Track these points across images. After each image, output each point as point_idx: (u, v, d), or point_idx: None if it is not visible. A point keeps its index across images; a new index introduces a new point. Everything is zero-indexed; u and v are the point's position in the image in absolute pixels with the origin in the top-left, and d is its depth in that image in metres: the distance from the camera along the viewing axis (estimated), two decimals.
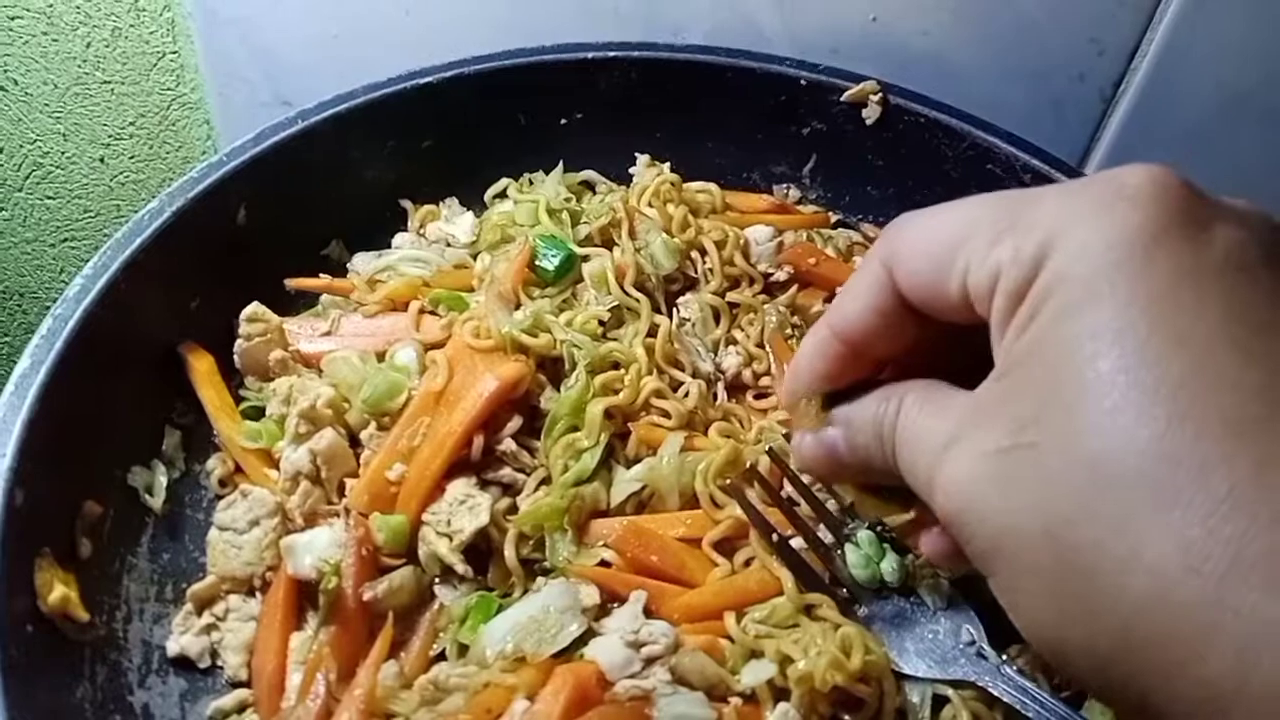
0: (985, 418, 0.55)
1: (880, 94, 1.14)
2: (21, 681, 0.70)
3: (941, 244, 0.60)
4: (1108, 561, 0.47)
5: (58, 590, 0.79)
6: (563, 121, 1.17)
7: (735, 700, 0.77)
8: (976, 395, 0.58)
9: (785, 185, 1.22)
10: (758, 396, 1.01)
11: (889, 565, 0.79)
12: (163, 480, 0.93)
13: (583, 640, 0.81)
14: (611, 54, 1.15)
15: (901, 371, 0.69)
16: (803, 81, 1.16)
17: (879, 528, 0.80)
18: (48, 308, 0.86)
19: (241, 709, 0.84)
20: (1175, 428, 0.45)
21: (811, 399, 0.71)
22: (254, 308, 0.99)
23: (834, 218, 1.20)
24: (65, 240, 1.54)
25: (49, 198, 1.49)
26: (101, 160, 1.48)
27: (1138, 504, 0.46)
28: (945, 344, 0.66)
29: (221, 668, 0.86)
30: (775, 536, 0.84)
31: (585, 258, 1.04)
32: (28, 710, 0.70)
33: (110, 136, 1.46)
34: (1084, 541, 0.48)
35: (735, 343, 1.03)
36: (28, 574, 0.77)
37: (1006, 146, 1.10)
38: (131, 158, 1.46)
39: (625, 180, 1.16)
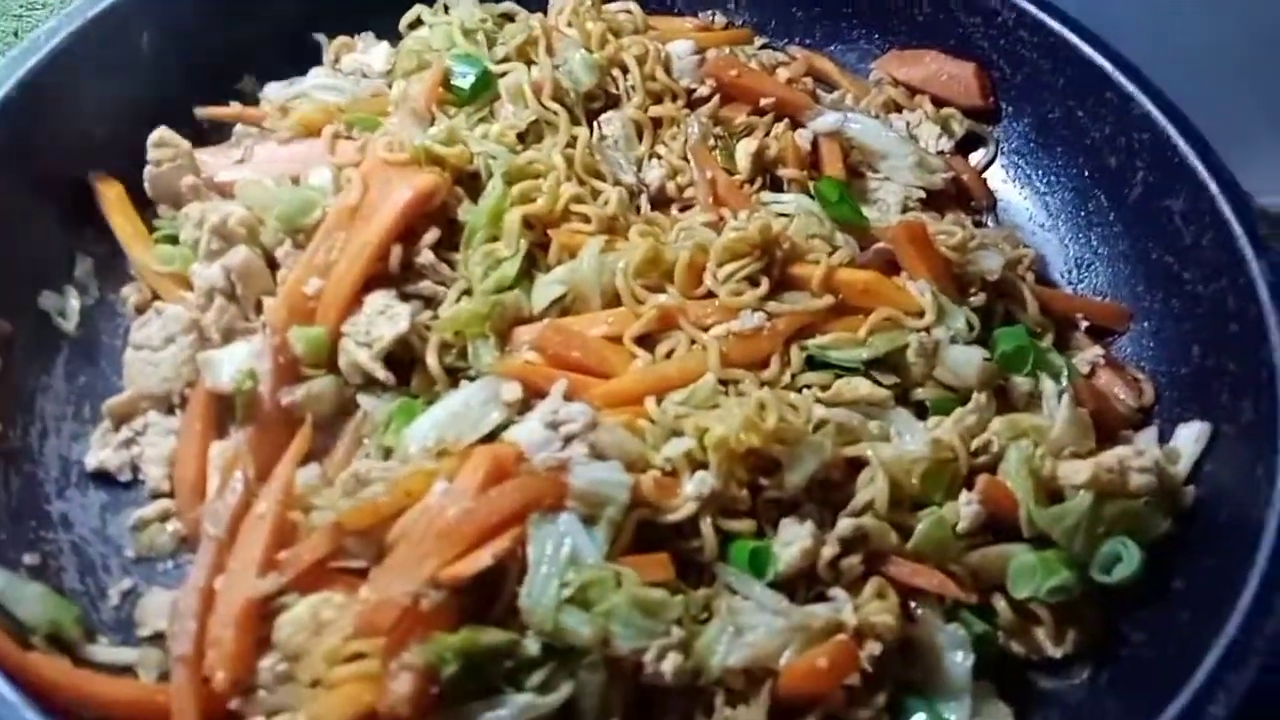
0: None
1: None
2: None
3: None
4: None
5: None
6: None
7: (654, 472, 0.77)
8: None
9: (710, 10, 1.19)
10: (682, 209, 1.00)
11: None
12: (75, 304, 0.92)
13: (505, 430, 0.81)
14: None
15: None
16: None
17: None
18: None
19: (164, 518, 0.84)
20: None
21: None
22: (161, 132, 0.97)
23: (759, 41, 1.18)
24: None
25: None
26: (15, 35, 1.44)
27: None
28: None
29: (143, 481, 0.86)
30: None
31: (502, 75, 1.01)
32: None
33: (22, 6, 1.41)
34: None
35: (659, 157, 1.02)
36: None
37: None
38: None
39: (546, 13, 1.13)
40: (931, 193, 1.04)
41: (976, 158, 1.11)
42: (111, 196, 0.95)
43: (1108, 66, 0.98)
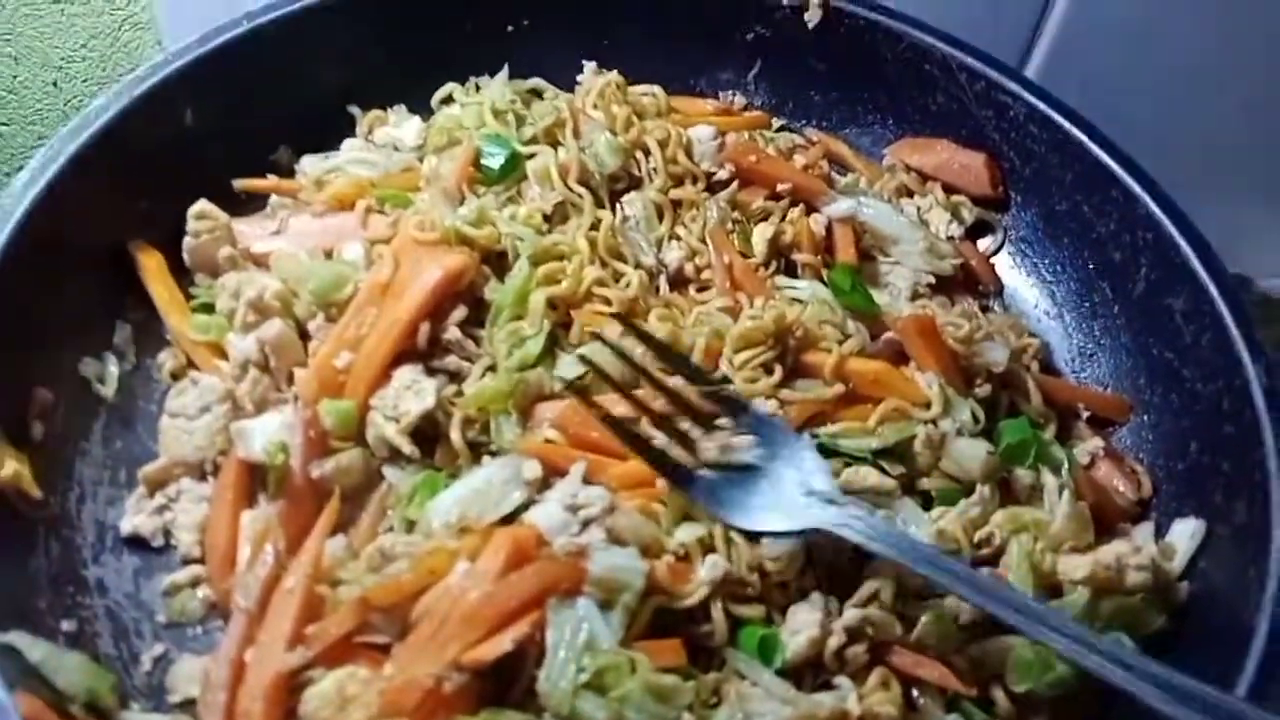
0: None
1: None
2: None
3: None
4: None
5: (10, 466, 0.81)
6: (510, 29, 1.19)
7: (668, 557, 0.80)
8: None
9: (730, 92, 1.24)
10: (700, 290, 1.03)
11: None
12: (114, 370, 0.95)
13: (525, 510, 0.84)
14: None
15: None
16: None
17: None
18: None
19: (195, 583, 0.87)
20: None
21: None
22: (202, 205, 1.01)
23: (777, 123, 1.22)
24: (20, 168, 1.53)
25: (3, 124, 1.49)
26: (55, 85, 1.48)
27: None
28: None
29: (175, 546, 0.89)
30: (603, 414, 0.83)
31: (530, 156, 1.05)
32: None
33: (62, 59, 1.45)
34: None
35: (678, 238, 1.05)
36: None
37: (943, 47, 1.12)
38: (84, 81, 1.46)
39: (573, 89, 1.18)
40: (941, 278, 1.07)
41: (985, 244, 1.15)
42: (152, 266, 0.99)
43: (1114, 166, 1.02)
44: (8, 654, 0.70)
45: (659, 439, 0.86)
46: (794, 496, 0.80)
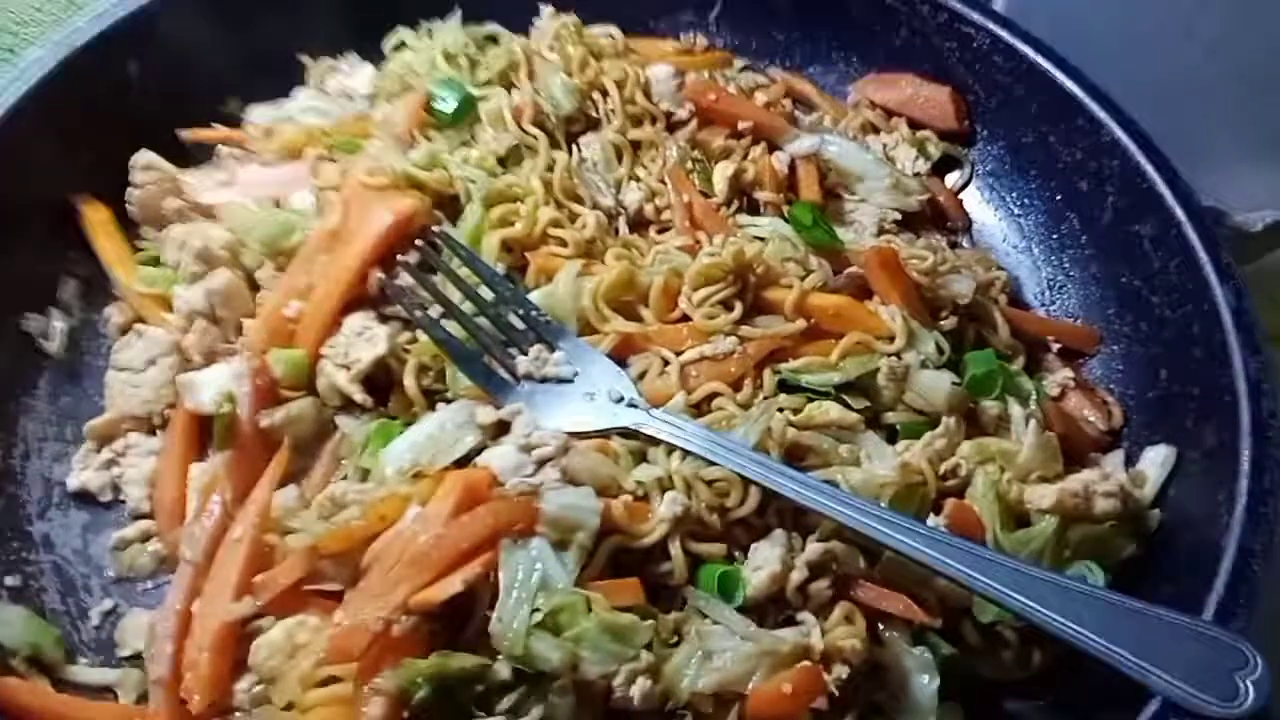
0: None
1: None
2: None
3: None
4: None
5: None
6: None
7: (626, 497, 0.79)
8: None
9: (692, 32, 1.20)
10: (660, 230, 1.01)
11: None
12: (60, 326, 0.93)
13: (480, 453, 0.82)
14: None
15: None
16: None
17: None
18: None
19: (145, 538, 0.85)
20: None
21: None
22: (146, 155, 0.98)
23: (740, 62, 1.19)
24: None
25: None
26: (11, 51, 1.44)
27: None
28: None
29: (124, 502, 0.87)
30: (419, 314, 0.87)
31: (483, 99, 1.03)
32: None
33: (17, 24, 1.42)
34: None
35: (637, 179, 1.03)
36: None
37: None
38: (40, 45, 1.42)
39: (529, 35, 1.15)
40: (908, 214, 1.05)
41: (952, 179, 1.13)
42: (96, 219, 0.97)
43: (1079, 93, 0.99)
44: None
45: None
46: (603, 403, 0.84)
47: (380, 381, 0.89)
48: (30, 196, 0.94)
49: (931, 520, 0.80)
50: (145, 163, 0.98)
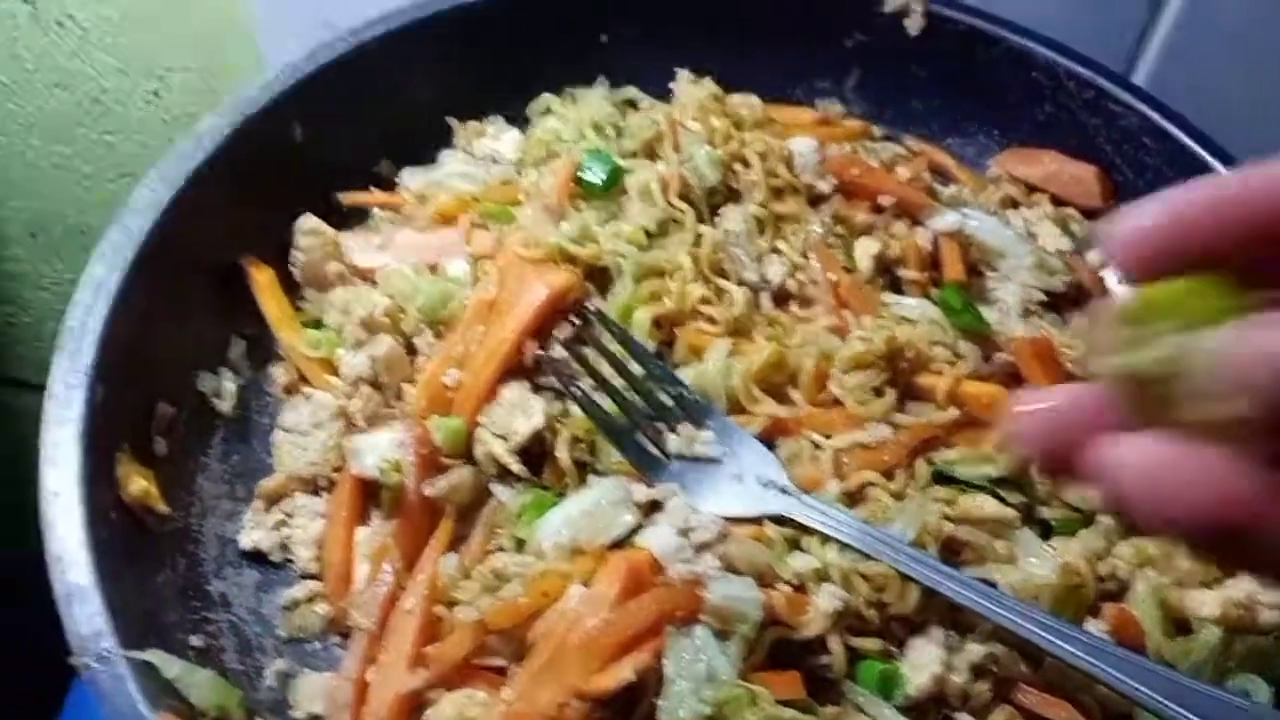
0: None
1: (923, 2, 1.13)
2: (109, 560, 0.75)
3: None
4: None
5: (137, 483, 0.84)
6: (603, 38, 1.18)
7: (783, 586, 0.80)
8: None
9: (828, 99, 1.21)
10: (802, 305, 1.02)
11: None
12: (230, 385, 0.97)
13: (635, 533, 0.84)
14: None
15: None
16: None
17: None
18: None
19: (313, 599, 0.89)
20: None
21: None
22: (309, 220, 1.02)
23: (878, 132, 1.20)
24: (124, 176, 1.58)
25: (107, 133, 1.53)
26: (155, 94, 1.51)
27: None
28: None
29: (293, 561, 0.91)
30: (574, 389, 0.89)
31: (629, 171, 1.05)
32: (116, 588, 0.75)
33: (164, 69, 1.48)
34: None
35: (779, 253, 1.04)
36: (110, 465, 0.81)
37: (1047, 52, 1.09)
38: (184, 91, 1.49)
39: (667, 97, 1.17)
40: (1051, 294, 1.05)
41: (1092, 257, 1.12)
42: (264, 282, 1.01)
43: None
44: (147, 672, 0.72)
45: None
46: (752, 487, 0.85)
47: (533, 450, 0.92)
48: (206, 259, 0.99)
49: (1091, 624, 0.80)
50: (310, 227, 1.02)
